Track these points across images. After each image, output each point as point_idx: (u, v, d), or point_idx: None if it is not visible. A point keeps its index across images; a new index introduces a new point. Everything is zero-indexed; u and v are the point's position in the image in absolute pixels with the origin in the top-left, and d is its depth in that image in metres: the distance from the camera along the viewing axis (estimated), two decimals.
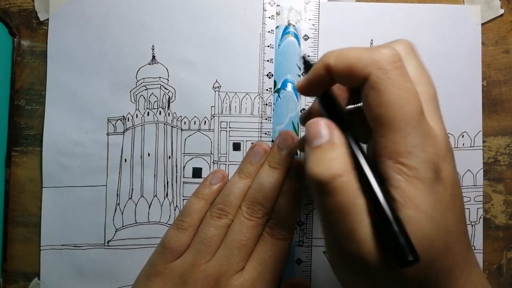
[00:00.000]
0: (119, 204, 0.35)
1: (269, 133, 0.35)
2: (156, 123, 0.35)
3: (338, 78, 0.22)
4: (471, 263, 0.22)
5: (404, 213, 0.20)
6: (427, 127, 0.21)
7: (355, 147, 0.21)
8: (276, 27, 0.35)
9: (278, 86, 0.35)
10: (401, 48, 0.23)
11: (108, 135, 0.35)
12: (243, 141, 0.35)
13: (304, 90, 0.24)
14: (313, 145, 0.22)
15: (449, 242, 0.21)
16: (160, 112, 0.35)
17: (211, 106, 0.35)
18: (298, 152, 0.33)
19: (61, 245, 0.34)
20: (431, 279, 0.21)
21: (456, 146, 0.35)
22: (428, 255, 0.20)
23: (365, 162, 0.21)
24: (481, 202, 0.35)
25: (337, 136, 0.22)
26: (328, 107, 0.23)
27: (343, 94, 0.25)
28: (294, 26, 0.35)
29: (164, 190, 0.35)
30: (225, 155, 0.35)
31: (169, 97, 0.35)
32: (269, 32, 0.35)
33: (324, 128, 0.22)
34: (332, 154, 0.21)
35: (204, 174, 0.35)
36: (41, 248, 0.34)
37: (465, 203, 0.34)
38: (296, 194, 0.32)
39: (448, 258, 0.21)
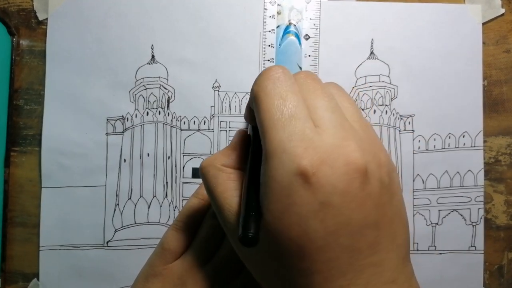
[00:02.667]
0: (118, 205, 0.35)
1: None
2: (155, 123, 0.35)
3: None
4: (353, 280, 0.21)
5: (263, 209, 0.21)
6: (300, 130, 0.21)
7: (251, 155, 0.25)
8: (277, 27, 0.35)
9: None
10: (298, 75, 0.24)
11: (107, 135, 0.35)
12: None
13: (245, 118, 0.28)
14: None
15: (305, 248, 0.20)
16: (159, 112, 0.35)
17: (211, 106, 0.35)
18: None
19: (60, 246, 0.34)
20: (277, 272, 0.22)
21: (456, 146, 0.35)
22: (270, 249, 0.21)
23: (250, 163, 0.25)
24: (482, 203, 0.35)
25: (237, 144, 0.26)
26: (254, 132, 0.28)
27: None
28: (295, 25, 0.35)
29: (164, 190, 0.35)
30: None
31: (169, 97, 0.35)
32: (270, 31, 0.35)
33: (236, 137, 0.27)
34: (222, 153, 0.26)
35: None
36: (40, 248, 0.34)
37: (466, 203, 0.34)
38: None
39: (303, 261, 0.21)
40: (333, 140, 0.21)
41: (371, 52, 0.35)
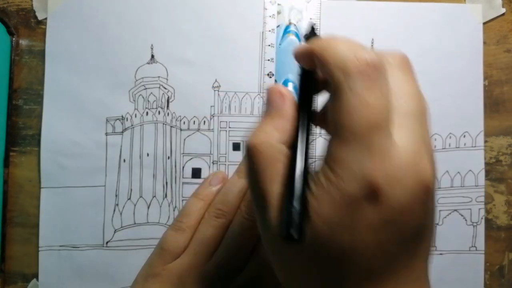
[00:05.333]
0: (118, 205, 0.34)
1: None
2: (155, 123, 0.35)
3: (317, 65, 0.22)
4: (385, 281, 0.20)
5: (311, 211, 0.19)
6: (380, 143, 0.19)
7: (302, 124, 0.21)
8: (277, 26, 0.35)
9: None
10: (391, 59, 0.21)
11: (106, 135, 0.35)
12: (243, 141, 0.35)
13: (296, 56, 0.24)
14: (264, 113, 0.22)
15: (351, 257, 0.19)
16: (159, 111, 0.35)
17: (211, 106, 0.35)
18: None
19: (60, 246, 0.34)
20: (309, 273, 0.20)
21: (457, 146, 0.35)
22: (309, 250, 0.19)
23: (303, 140, 0.21)
24: (483, 203, 0.34)
25: (287, 108, 0.22)
26: (302, 82, 0.23)
27: None
28: (295, 25, 0.35)
29: (163, 190, 0.35)
30: (225, 155, 0.35)
31: (168, 97, 0.35)
32: (269, 31, 0.35)
33: (278, 97, 0.22)
34: (274, 125, 0.21)
35: (204, 174, 0.35)
36: (40, 249, 0.34)
37: (467, 204, 0.34)
38: None
39: (342, 266, 0.20)
40: (408, 159, 0.19)
41: None
